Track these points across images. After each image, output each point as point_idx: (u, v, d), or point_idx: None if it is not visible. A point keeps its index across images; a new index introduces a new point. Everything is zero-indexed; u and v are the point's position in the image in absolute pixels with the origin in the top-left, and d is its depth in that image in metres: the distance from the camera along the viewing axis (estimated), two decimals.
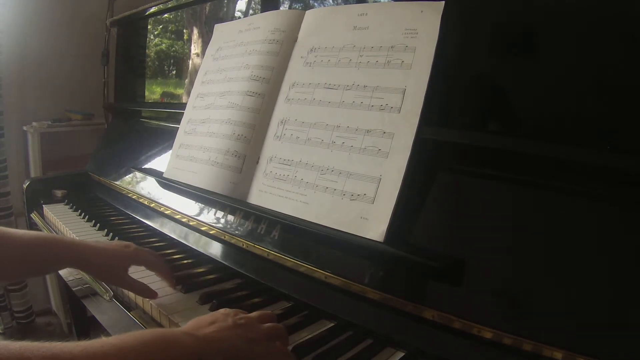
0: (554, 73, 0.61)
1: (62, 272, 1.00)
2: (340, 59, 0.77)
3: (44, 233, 0.74)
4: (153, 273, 0.79)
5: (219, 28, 1.07)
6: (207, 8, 1.38)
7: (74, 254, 0.70)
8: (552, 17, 0.62)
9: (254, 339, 0.53)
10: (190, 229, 0.94)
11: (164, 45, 1.60)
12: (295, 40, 0.86)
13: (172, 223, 1.00)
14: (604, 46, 0.57)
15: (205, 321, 0.54)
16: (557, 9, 0.61)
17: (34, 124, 2.00)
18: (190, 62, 1.45)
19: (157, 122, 1.36)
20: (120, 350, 0.43)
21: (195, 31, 1.43)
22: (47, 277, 2.07)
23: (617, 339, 0.45)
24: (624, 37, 0.56)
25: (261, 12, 1.16)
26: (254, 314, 0.59)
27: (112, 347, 0.43)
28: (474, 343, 0.53)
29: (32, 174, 2.01)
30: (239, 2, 1.30)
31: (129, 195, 1.19)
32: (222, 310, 0.57)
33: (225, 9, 1.36)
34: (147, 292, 0.73)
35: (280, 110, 0.83)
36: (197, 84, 1.05)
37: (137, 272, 0.79)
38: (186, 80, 1.48)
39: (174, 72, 1.60)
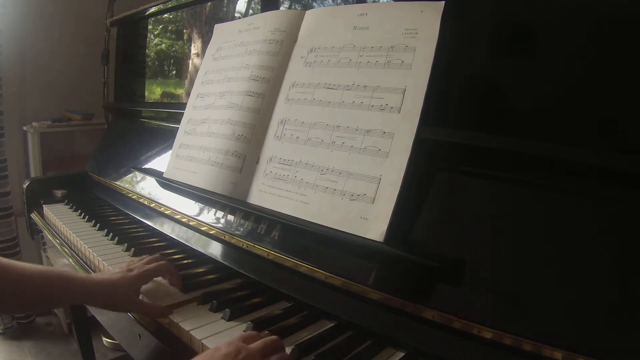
0: (553, 73, 0.61)
1: None
2: (340, 59, 0.77)
3: (52, 269, 0.73)
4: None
5: (219, 28, 1.07)
6: (207, 8, 1.38)
7: (83, 292, 0.69)
8: (552, 17, 0.62)
9: None
10: (190, 229, 0.94)
11: (164, 45, 1.60)
12: (295, 40, 0.86)
13: (172, 223, 1.00)
14: (604, 45, 0.57)
15: None
16: (557, 8, 0.61)
17: (34, 124, 2.00)
18: (190, 62, 1.45)
19: (157, 122, 1.36)
20: None
21: (195, 31, 1.43)
22: None
23: (617, 339, 0.45)
24: (623, 36, 0.56)
25: (261, 12, 1.16)
26: (257, 346, 0.54)
27: None
28: (474, 343, 0.53)
29: (32, 174, 2.01)
30: (239, 2, 1.30)
31: (129, 195, 1.19)
32: (222, 350, 0.52)
33: (225, 9, 1.36)
34: (162, 312, 0.70)
35: (280, 110, 0.83)
36: (197, 84, 1.05)
37: None
38: (186, 80, 1.48)
39: (174, 72, 1.60)
